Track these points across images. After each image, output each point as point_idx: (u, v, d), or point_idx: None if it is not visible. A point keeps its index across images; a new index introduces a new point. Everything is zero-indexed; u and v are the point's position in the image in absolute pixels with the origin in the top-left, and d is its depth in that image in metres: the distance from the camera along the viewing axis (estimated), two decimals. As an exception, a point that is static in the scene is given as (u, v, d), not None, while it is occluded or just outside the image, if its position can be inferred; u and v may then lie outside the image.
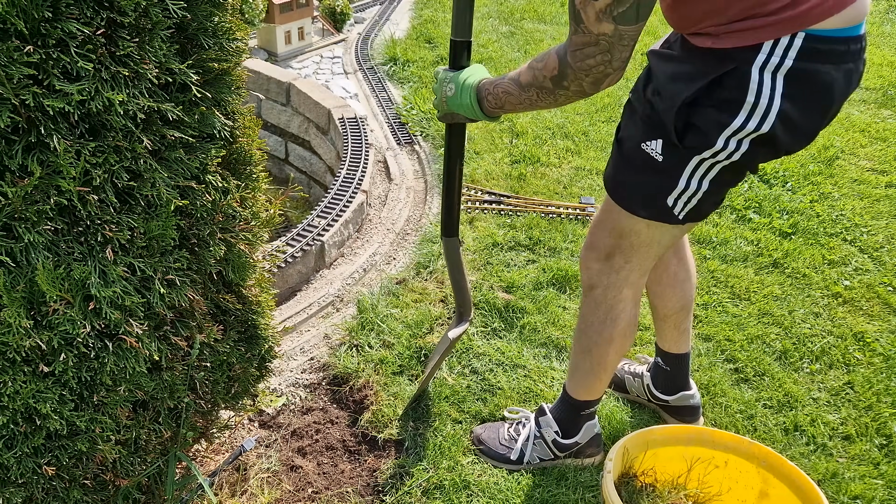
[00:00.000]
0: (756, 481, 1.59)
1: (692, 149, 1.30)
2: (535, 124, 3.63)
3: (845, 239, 2.81)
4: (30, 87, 1.01)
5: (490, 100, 1.43)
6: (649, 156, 1.35)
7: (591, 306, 1.58)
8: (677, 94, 1.27)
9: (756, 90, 1.20)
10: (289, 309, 2.47)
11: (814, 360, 2.20)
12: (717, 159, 1.30)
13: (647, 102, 1.35)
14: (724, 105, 1.24)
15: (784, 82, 1.19)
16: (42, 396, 1.16)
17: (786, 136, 1.25)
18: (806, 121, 1.25)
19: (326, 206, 3.00)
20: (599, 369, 1.64)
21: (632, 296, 1.55)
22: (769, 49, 1.18)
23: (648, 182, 1.38)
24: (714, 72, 1.23)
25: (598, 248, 1.52)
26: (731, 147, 1.27)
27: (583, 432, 1.75)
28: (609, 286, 1.53)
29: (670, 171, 1.34)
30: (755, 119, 1.22)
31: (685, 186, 1.35)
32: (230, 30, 1.28)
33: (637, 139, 1.38)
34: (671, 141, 1.31)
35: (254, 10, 4.40)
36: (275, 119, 4.31)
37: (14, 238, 1.07)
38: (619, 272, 1.52)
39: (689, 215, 1.39)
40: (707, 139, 1.28)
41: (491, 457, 1.80)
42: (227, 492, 1.73)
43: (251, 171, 1.45)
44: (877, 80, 4.31)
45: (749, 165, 1.33)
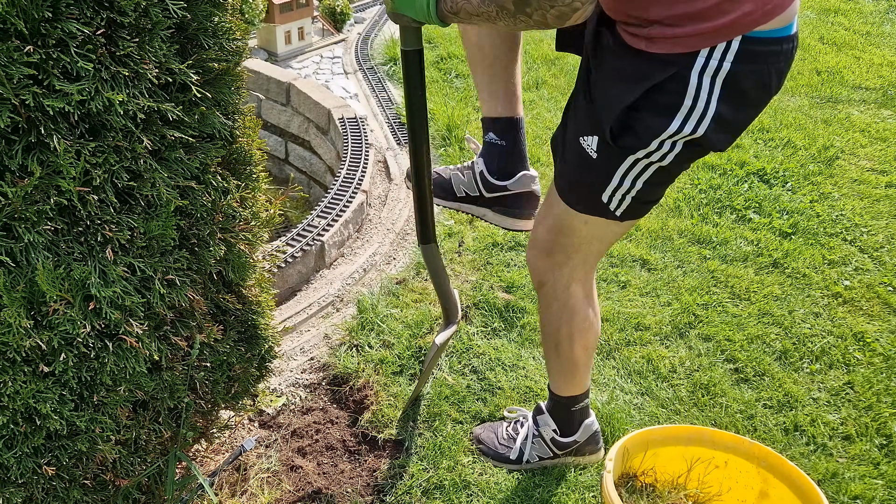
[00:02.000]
0: (756, 481, 1.59)
1: (626, 149, 1.29)
2: (535, 124, 3.63)
3: (845, 239, 2.81)
4: (30, 87, 1.01)
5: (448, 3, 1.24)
6: (585, 151, 1.34)
7: (545, 304, 1.57)
8: (618, 98, 1.25)
9: (694, 94, 1.20)
10: (289, 309, 2.47)
11: (814, 360, 2.20)
12: (650, 160, 1.30)
13: (589, 95, 1.33)
14: (661, 109, 1.23)
15: (721, 86, 1.19)
16: (42, 396, 1.16)
17: (717, 136, 1.25)
18: (738, 121, 1.26)
19: (326, 206, 3.00)
20: (571, 365, 1.63)
21: (581, 291, 1.53)
22: (707, 53, 1.17)
23: (585, 178, 1.37)
24: (656, 76, 1.21)
25: (539, 245, 1.51)
26: (664, 149, 1.27)
27: (581, 430, 1.75)
28: (556, 282, 1.52)
29: (604, 168, 1.33)
30: (690, 123, 1.22)
31: (618, 184, 1.34)
32: (230, 30, 1.28)
33: (577, 131, 1.36)
34: (606, 140, 1.29)
35: (254, 10, 4.40)
36: (275, 119, 4.31)
37: (14, 238, 1.07)
38: (563, 268, 1.50)
39: (627, 212, 1.39)
40: (641, 141, 1.27)
41: (491, 456, 1.80)
42: (227, 492, 1.73)
43: (251, 171, 1.45)
44: (877, 80, 4.31)
45: (681, 166, 1.33)
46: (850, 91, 4.17)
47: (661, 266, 2.59)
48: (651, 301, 2.41)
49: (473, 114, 3.74)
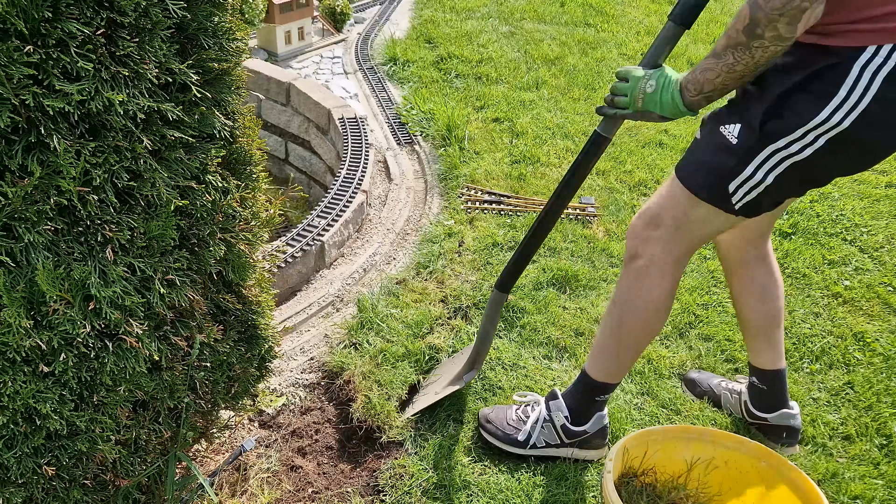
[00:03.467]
0: (756, 481, 1.59)
1: (769, 136, 1.32)
2: (535, 124, 3.63)
3: (845, 239, 2.81)
4: (30, 87, 1.01)
5: (690, 88, 1.37)
6: (725, 138, 1.37)
7: (630, 277, 1.58)
8: (776, 83, 1.29)
9: (851, 85, 1.22)
10: (289, 309, 2.47)
11: (814, 360, 2.20)
12: (789, 151, 1.31)
13: (743, 90, 1.37)
14: (815, 96, 1.26)
15: (880, 84, 1.21)
16: (42, 396, 1.16)
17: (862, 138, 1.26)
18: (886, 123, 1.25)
19: (326, 206, 3.00)
20: (626, 346, 1.63)
21: (672, 273, 1.55)
22: (874, 50, 1.20)
23: (717, 163, 1.40)
24: (818, 63, 1.25)
25: (650, 215, 1.53)
26: (806, 140, 1.29)
27: (593, 422, 1.75)
28: (652, 257, 1.53)
29: (741, 154, 1.36)
30: (839, 114, 1.24)
31: (751, 174, 1.36)
32: (230, 30, 1.28)
33: (717, 122, 1.40)
34: (750, 125, 1.33)
35: (254, 10, 4.40)
36: (275, 119, 4.31)
37: (14, 238, 1.07)
38: (666, 244, 1.52)
39: (745, 208, 1.41)
40: (787, 127, 1.29)
41: (498, 437, 1.81)
42: (227, 492, 1.73)
43: (251, 171, 1.45)
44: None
45: (817, 168, 1.34)
46: (850, 91, 4.17)
47: (661, 266, 2.59)
48: (651, 301, 2.41)
49: (473, 114, 3.74)
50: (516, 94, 3.99)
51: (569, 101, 3.95)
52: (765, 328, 1.79)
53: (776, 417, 1.85)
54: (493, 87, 4.06)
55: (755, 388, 1.87)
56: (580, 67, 4.36)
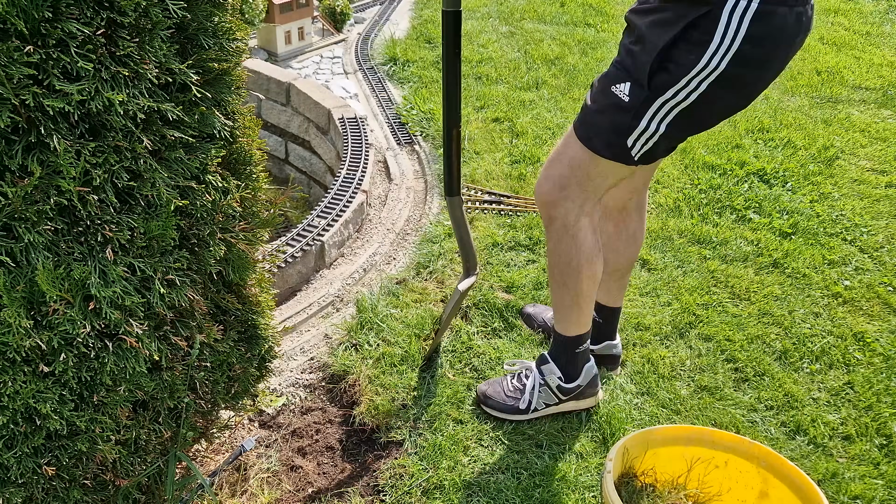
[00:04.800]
0: (756, 481, 1.59)
1: (657, 89, 1.42)
2: (535, 124, 3.63)
3: (845, 239, 2.81)
4: (30, 87, 1.01)
5: None
6: (617, 97, 1.47)
7: (554, 239, 1.69)
8: (659, 39, 1.39)
9: (723, 31, 1.32)
10: (289, 309, 2.47)
11: (814, 360, 2.20)
12: (676, 100, 1.42)
13: (627, 51, 1.47)
14: (694, 46, 1.36)
15: (748, 25, 1.31)
16: (42, 396, 1.16)
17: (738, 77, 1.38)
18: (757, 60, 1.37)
19: (326, 206, 3.00)
20: (579, 300, 1.74)
21: (589, 223, 1.66)
22: None
23: (613, 122, 1.50)
24: (691, 14, 1.34)
25: (554, 179, 1.63)
26: (690, 87, 1.40)
27: (583, 374, 1.86)
28: (567, 215, 1.64)
29: (635, 111, 1.46)
30: (716, 58, 1.35)
31: (645, 127, 1.47)
32: (230, 30, 1.28)
33: (607, 82, 1.50)
34: (639, 82, 1.43)
35: (254, 10, 4.40)
36: (275, 119, 4.31)
37: (14, 238, 1.07)
38: (575, 201, 1.62)
39: (643, 157, 1.52)
40: (673, 78, 1.40)
41: (500, 409, 1.89)
42: (227, 492, 1.73)
43: (251, 171, 1.45)
44: (877, 80, 4.31)
45: (703, 111, 1.45)
46: (850, 91, 4.17)
47: (661, 266, 2.59)
48: (651, 301, 2.41)
49: (473, 113, 3.74)
50: (516, 94, 3.99)
51: (569, 101, 3.95)
52: (622, 270, 1.94)
53: (602, 348, 2.04)
54: (493, 87, 4.06)
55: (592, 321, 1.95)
56: (580, 67, 4.36)
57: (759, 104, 3.93)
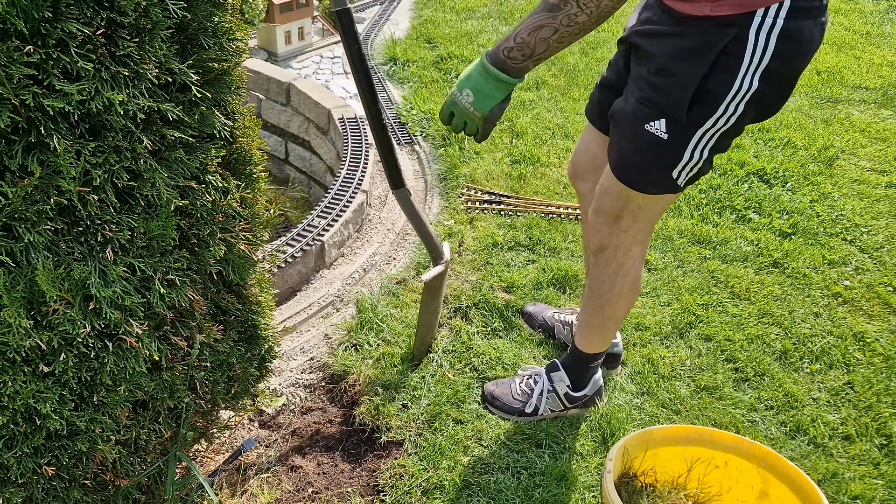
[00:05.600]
0: (756, 481, 1.59)
1: (696, 122, 1.38)
2: (535, 124, 3.63)
3: (845, 239, 2.81)
4: (30, 87, 1.01)
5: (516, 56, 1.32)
6: (655, 136, 1.42)
7: (601, 266, 1.67)
8: (691, 73, 1.33)
9: (752, 51, 1.29)
10: (289, 309, 2.47)
11: (814, 360, 2.20)
12: (717, 127, 1.39)
13: (651, 86, 1.40)
14: (726, 72, 1.32)
15: (776, 42, 1.28)
16: (42, 396, 1.16)
17: (770, 91, 1.35)
18: (786, 74, 1.35)
19: (326, 206, 3.00)
20: (610, 324, 1.77)
21: (640, 252, 1.66)
22: (763, 12, 1.27)
23: (655, 161, 1.46)
24: (720, 41, 1.30)
25: (606, 211, 1.59)
26: (729, 112, 1.36)
27: (590, 385, 1.90)
28: (619, 245, 1.62)
29: (676, 146, 1.42)
30: (747, 81, 1.32)
31: (689, 158, 1.44)
32: (230, 30, 1.28)
33: (640, 121, 1.43)
34: (675, 118, 1.38)
35: (254, 10, 4.40)
36: (275, 119, 4.31)
37: (14, 238, 1.07)
38: (628, 231, 1.60)
39: (689, 181, 1.50)
40: (710, 109, 1.36)
41: (505, 411, 1.92)
42: (227, 492, 1.73)
43: (251, 171, 1.45)
44: (877, 80, 4.31)
45: (739, 128, 1.42)
46: (850, 91, 4.17)
47: (661, 266, 2.59)
48: (651, 301, 2.41)
49: (473, 114, 3.74)
50: (516, 93, 3.99)
51: (569, 101, 3.95)
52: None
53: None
54: (493, 87, 4.06)
55: None
56: (580, 67, 4.36)
57: (759, 104, 3.93)
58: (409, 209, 1.84)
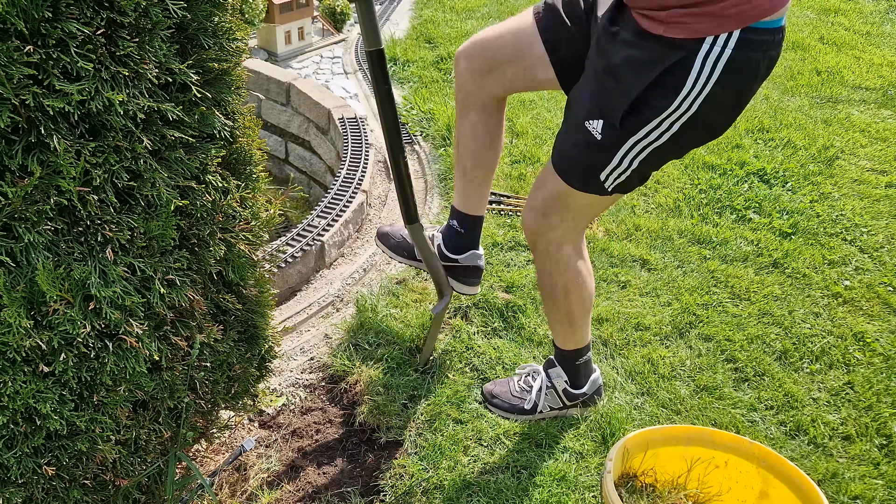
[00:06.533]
0: (756, 481, 1.59)
1: (629, 130, 1.42)
2: (535, 124, 3.63)
3: (845, 239, 2.81)
4: (30, 87, 1.01)
5: None
6: (590, 133, 1.47)
7: (540, 262, 1.71)
8: (634, 84, 1.37)
9: (695, 77, 1.32)
10: (289, 309, 2.47)
11: (814, 360, 2.20)
12: (648, 140, 1.42)
13: (599, 84, 1.44)
14: (666, 90, 1.35)
15: (720, 71, 1.31)
16: (42, 396, 1.16)
17: (710, 117, 1.39)
18: (728, 103, 1.38)
19: (326, 206, 3.00)
20: (569, 319, 1.77)
21: (573, 250, 1.68)
22: (712, 40, 1.29)
23: (586, 158, 1.50)
24: (667, 60, 1.33)
25: (537, 207, 1.63)
26: (662, 128, 1.40)
27: (589, 384, 1.91)
28: (550, 242, 1.66)
29: (608, 149, 1.46)
30: (687, 101, 1.34)
31: (617, 164, 1.47)
32: (230, 30, 1.28)
33: (582, 116, 1.48)
34: (611, 122, 1.42)
35: (254, 10, 4.40)
36: (275, 119, 4.31)
37: (14, 238, 1.08)
38: (557, 230, 1.64)
39: (617, 188, 1.53)
40: (644, 120, 1.40)
41: (505, 409, 1.92)
42: (227, 492, 1.73)
43: (251, 171, 1.45)
44: (877, 80, 4.31)
45: (674, 148, 1.45)
46: (850, 91, 4.17)
47: (661, 266, 2.59)
48: (651, 301, 2.41)
49: (473, 114, 3.74)
50: (516, 93, 3.99)
51: (569, 101, 3.95)
52: (482, 176, 1.88)
53: (466, 258, 1.97)
54: (493, 87, 4.06)
55: (452, 231, 1.95)
56: (580, 67, 4.36)
57: (759, 104, 3.93)
58: (421, 243, 1.88)
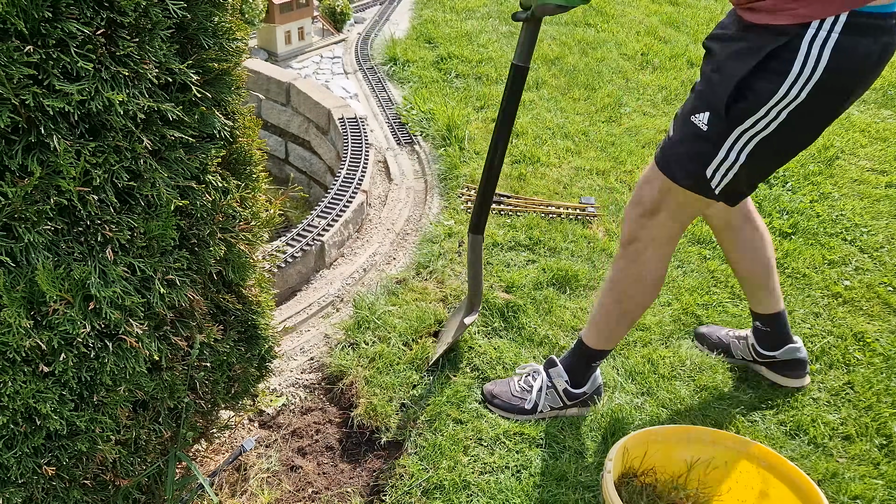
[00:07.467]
0: (756, 481, 1.59)
1: (736, 118, 1.42)
2: (535, 124, 3.63)
3: (845, 239, 2.81)
4: (30, 87, 1.01)
5: None
6: (696, 126, 1.48)
7: (628, 259, 1.70)
8: (738, 69, 1.38)
9: (802, 60, 1.32)
10: (289, 309, 2.47)
11: (814, 360, 2.20)
12: (756, 129, 1.42)
13: (706, 79, 1.48)
14: (772, 75, 1.35)
15: (829, 55, 1.31)
16: (42, 396, 1.16)
17: (819, 107, 1.37)
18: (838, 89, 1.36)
19: (326, 206, 3.00)
20: (625, 319, 1.79)
21: (667, 251, 1.69)
22: (818, 24, 1.30)
23: (692, 151, 1.50)
24: (770, 45, 1.34)
25: (645, 203, 1.63)
26: (770, 116, 1.39)
27: (590, 383, 1.92)
28: (651, 240, 1.66)
29: (714, 139, 1.46)
30: (796, 88, 1.34)
31: (724, 156, 1.46)
32: (230, 30, 1.28)
33: (687, 112, 1.51)
34: (717, 111, 1.43)
35: (254, 10, 4.40)
36: (275, 119, 4.31)
37: (14, 238, 1.07)
38: (663, 227, 1.63)
39: (725, 190, 1.51)
40: (751, 108, 1.39)
41: (505, 409, 1.93)
42: (227, 492, 1.73)
43: (251, 171, 1.45)
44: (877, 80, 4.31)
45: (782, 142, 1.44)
46: (850, 91, 4.16)
47: (661, 266, 2.59)
48: (651, 301, 2.41)
49: (473, 113, 3.74)
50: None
51: (569, 101, 3.95)
52: (761, 279, 1.95)
53: (783, 353, 2.02)
54: (493, 87, 4.06)
55: (760, 332, 2.04)
56: (580, 67, 4.36)
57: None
58: (476, 255, 1.95)
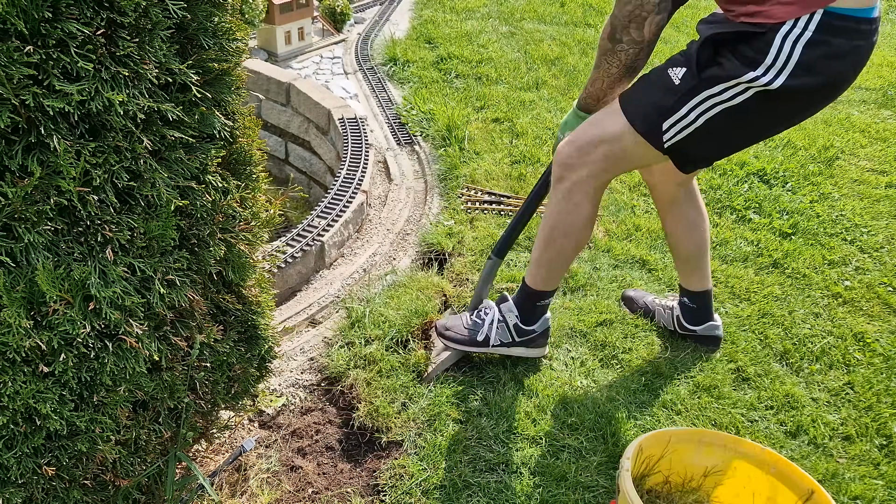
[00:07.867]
0: (765, 487, 1.58)
1: (707, 81, 1.50)
2: (534, 124, 3.63)
3: (845, 239, 2.81)
4: (30, 87, 1.01)
5: (589, 102, 1.74)
6: (670, 78, 1.56)
7: (558, 198, 1.77)
8: (716, 36, 1.48)
9: (776, 53, 1.40)
10: (289, 309, 2.47)
11: (814, 360, 2.20)
12: (721, 98, 1.50)
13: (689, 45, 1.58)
14: (745, 60, 1.44)
15: (801, 50, 1.39)
16: (42, 397, 1.16)
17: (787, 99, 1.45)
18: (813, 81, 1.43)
19: (326, 206, 3.00)
20: (559, 259, 1.85)
21: (595, 196, 1.75)
22: (792, 22, 1.38)
23: (658, 100, 1.57)
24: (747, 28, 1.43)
25: (580, 143, 1.70)
26: (738, 89, 1.47)
27: (539, 323, 1.99)
28: (578, 181, 1.72)
29: (681, 94, 1.54)
30: (769, 75, 1.42)
31: (684, 115, 1.54)
32: (230, 30, 1.28)
33: (667, 65, 1.59)
34: (692, 71, 1.52)
35: (254, 10, 4.40)
36: (275, 119, 4.31)
37: (14, 238, 1.07)
38: (592, 167, 1.69)
39: (673, 147, 1.59)
40: (724, 75, 1.48)
41: (458, 341, 2.01)
42: (227, 492, 1.73)
43: (251, 171, 1.45)
44: (877, 80, 4.31)
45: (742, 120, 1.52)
46: (850, 91, 4.17)
47: (661, 266, 2.59)
48: (651, 301, 2.41)
49: (473, 114, 3.74)
50: (516, 94, 3.99)
51: (569, 101, 3.95)
52: (695, 256, 2.05)
53: (704, 329, 2.16)
54: (493, 88, 4.06)
55: (686, 307, 2.16)
56: (580, 67, 4.36)
57: (759, 104, 3.94)
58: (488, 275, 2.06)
